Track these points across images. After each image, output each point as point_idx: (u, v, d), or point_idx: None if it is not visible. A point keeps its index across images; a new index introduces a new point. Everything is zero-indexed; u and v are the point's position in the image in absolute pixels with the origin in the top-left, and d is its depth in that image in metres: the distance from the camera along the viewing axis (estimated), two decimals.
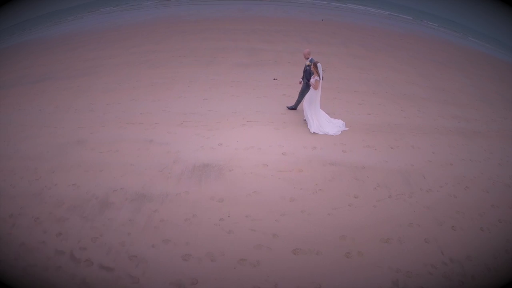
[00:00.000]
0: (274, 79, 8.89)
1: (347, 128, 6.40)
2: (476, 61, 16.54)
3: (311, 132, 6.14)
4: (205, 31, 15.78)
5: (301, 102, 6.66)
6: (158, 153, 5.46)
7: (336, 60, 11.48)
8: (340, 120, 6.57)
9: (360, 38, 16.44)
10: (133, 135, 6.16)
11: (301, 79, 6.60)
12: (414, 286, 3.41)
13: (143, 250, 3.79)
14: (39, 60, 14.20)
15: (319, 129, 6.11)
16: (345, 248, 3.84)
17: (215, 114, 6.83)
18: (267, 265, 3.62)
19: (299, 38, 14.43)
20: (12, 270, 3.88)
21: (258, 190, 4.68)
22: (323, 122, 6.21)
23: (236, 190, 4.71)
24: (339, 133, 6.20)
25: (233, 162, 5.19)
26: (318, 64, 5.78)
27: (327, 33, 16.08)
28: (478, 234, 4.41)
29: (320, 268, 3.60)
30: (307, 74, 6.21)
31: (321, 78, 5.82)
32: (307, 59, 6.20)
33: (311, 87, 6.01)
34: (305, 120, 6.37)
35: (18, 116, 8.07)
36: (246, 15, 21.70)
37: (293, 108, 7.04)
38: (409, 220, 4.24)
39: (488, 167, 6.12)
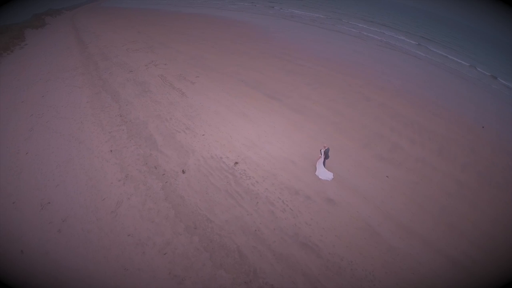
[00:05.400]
0: (387, 176, 17.02)
1: (331, 178, 15.41)
2: None
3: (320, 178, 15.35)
4: (382, 107, 22.58)
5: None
6: (318, 184, 15.90)
7: (438, 178, 16.17)
8: (331, 173, 15.38)
9: (491, 165, 17.97)
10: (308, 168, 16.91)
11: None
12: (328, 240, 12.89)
13: (302, 206, 14.68)
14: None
15: (321, 176, 15.02)
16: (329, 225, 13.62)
17: (336, 179, 16.58)
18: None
19: (437, 147, 18.64)
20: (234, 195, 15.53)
21: (340, 215, 14.71)
22: (322, 172, 14.82)
23: (333, 209, 14.60)
24: (329, 179, 15.15)
25: (338, 204, 14.99)
26: (323, 151, 14.95)
27: (464, 149, 18.85)
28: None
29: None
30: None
31: (323, 156, 14.76)
32: (325, 148, 14.88)
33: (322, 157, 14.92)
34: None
35: (263, 122, 19.40)
36: (424, 93, 25.55)
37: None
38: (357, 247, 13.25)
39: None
